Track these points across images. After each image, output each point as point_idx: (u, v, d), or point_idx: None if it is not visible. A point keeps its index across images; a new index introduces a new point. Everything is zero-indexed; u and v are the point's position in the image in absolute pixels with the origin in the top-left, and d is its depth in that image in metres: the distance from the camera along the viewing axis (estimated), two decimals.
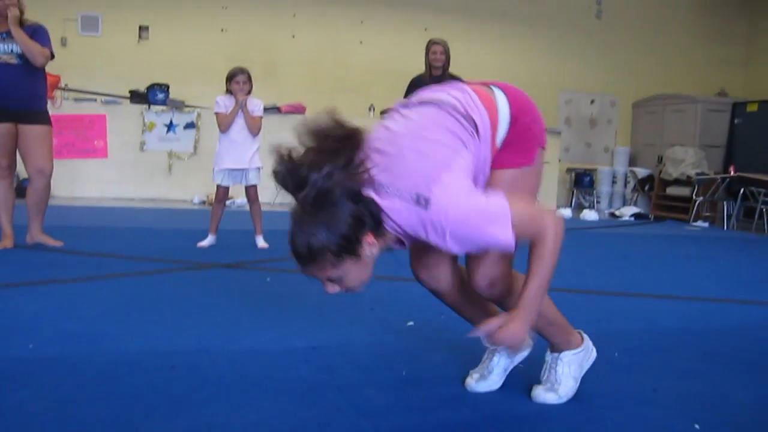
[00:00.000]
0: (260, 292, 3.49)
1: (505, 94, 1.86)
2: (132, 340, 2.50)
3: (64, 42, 9.10)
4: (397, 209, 1.62)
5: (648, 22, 11.79)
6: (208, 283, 3.65)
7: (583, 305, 3.41)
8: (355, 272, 1.65)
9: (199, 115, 8.87)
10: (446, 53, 5.68)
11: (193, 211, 7.84)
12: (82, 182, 8.53)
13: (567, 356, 2.04)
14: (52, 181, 4.56)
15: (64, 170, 7.79)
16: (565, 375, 2.03)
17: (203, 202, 8.57)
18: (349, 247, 1.59)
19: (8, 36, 4.16)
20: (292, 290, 3.50)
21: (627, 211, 10.32)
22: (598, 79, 11.51)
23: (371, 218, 1.62)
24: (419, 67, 6.00)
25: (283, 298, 3.35)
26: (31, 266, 3.89)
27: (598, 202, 11.26)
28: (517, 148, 1.83)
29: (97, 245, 4.70)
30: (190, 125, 8.89)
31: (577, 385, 2.04)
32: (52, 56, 4.32)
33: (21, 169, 5.72)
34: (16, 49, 4.16)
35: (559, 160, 10.66)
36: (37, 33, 4.25)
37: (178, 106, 8.90)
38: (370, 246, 1.63)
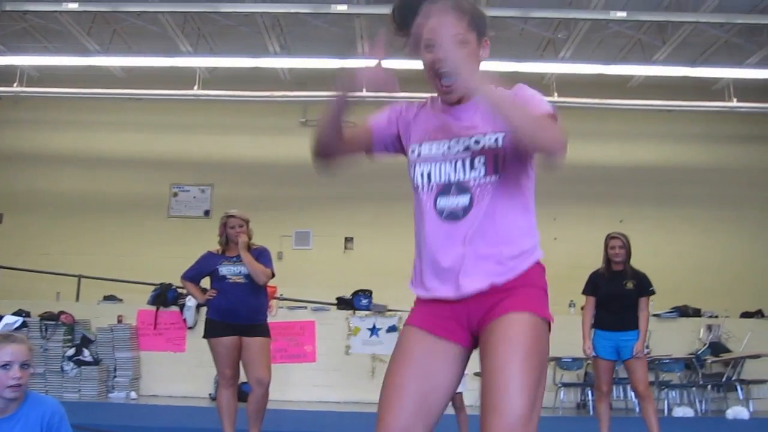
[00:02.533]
0: None
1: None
2: None
3: (280, 256, 10.07)
4: None
5: None
6: None
7: None
8: (469, 50, 1.85)
9: (400, 318, 9.15)
10: (626, 247, 5.37)
11: None
12: (293, 386, 8.95)
13: None
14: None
15: (276, 374, 8.25)
16: None
17: None
18: (481, 29, 1.89)
19: (238, 259, 4.73)
20: None
21: None
22: None
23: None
24: None
25: None
26: None
27: None
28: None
29: None
30: (392, 328, 9.19)
31: None
32: (273, 275, 4.81)
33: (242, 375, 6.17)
34: (244, 270, 4.71)
35: None
36: (262, 255, 4.80)
37: (381, 310, 9.30)
38: (485, 48, 1.93)
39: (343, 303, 9.54)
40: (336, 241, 10.55)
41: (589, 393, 8.80)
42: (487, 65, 8.07)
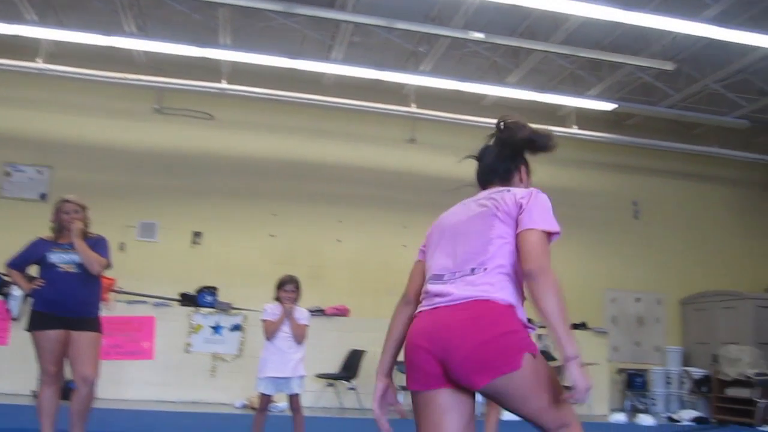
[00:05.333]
0: None
1: None
2: None
3: (122, 247, 9.56)
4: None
5: (686, 220, 11.96)
6: None
7: None
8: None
9: (245, 317, 9.01)
10: None
11: (234, 416, 7.70)
12: (127, 384, 8.53)
13: None
14: (97, 383, 4.57)
15: (109, 371, 7.82)
16: None
17: (245, 406, 8.43)
18: None
19: (71, 247, 4.41)
20: None
21: (686, 415, 9.78)
22: (641, 277, 11.48)
23: None
24: None
25: None
26: None
27: (653, 405, 10.70)
28: None
29: None
30: (236, 327, 9.02)
31: None
32: (109, 265, 4.54)
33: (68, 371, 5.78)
34: (76, 259, 4.39)
35: (609, 361, 10.34)
36: (98, 244, 4.51)
37: (226, 308, 9.09)
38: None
39: (186, 299, 9.23)
40: (183, 235, 10.17)
41: None
42: (351, 71, 8.13)
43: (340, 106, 10.02)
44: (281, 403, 7.83)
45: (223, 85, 9.61)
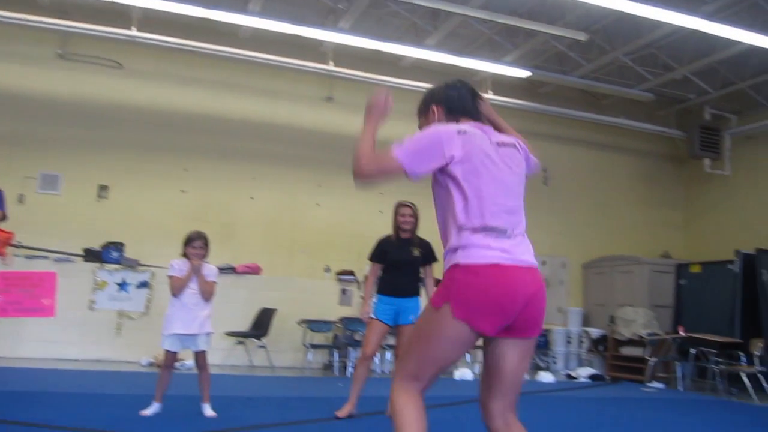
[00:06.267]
0: None
1: None
2: None
3: (21, 199, 9.11)
4: None
5: (591, 188, 12.45)
6: None
7: None
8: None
9: (153, 274, 8.80)
10: (415, 215, 5.44)
11: (140, 374, 7.56)
12: (26, 342, 8.21)
13: None
14: None
15: (7, 329, 7.54)
16: None
17: (151, 364, 8.30)
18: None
19: None
20: None
21: (583, 372, 10.30)
22: (548, 242, 11.88)
23: None
24: (375, 230, 6.07)
25: None
26: None
27: (554, 363, 11.21)
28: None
29: (31, 413, 4.47)
30: (143, 284, 8.80)
31: None
32: (5, 217, 4.33)
33: None
34: None
35: None
36: None
37: (132, 265, 8.85)
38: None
39: (90, 255, 8.91)
40: (89, 188, 9.75)
41: (336, 354, 9.20)
42: (268, 25, 7.90)
43: (257, 61, 9.78)
44: (189, 361, 7.75)
45: (133, 32, 9.18)
